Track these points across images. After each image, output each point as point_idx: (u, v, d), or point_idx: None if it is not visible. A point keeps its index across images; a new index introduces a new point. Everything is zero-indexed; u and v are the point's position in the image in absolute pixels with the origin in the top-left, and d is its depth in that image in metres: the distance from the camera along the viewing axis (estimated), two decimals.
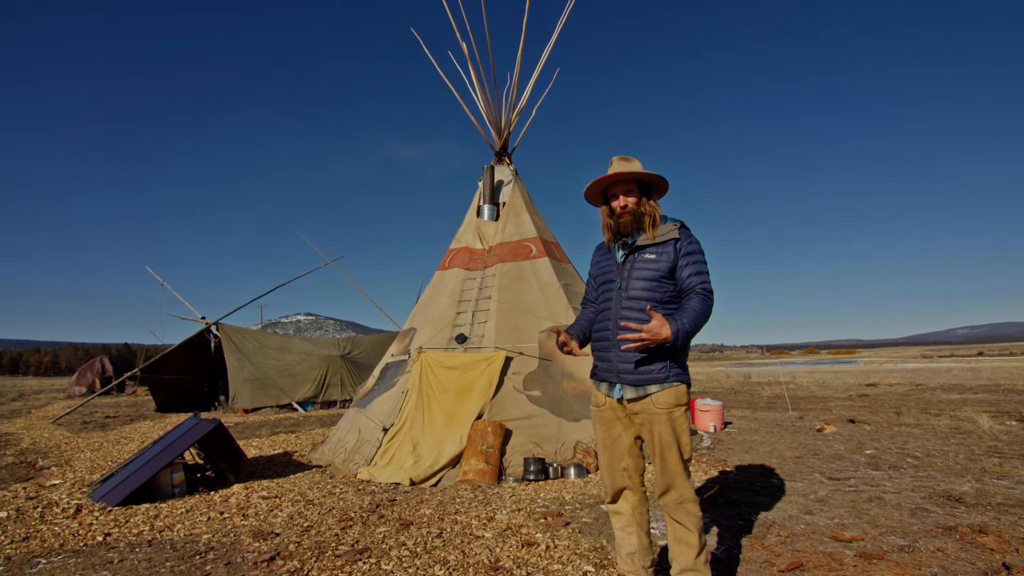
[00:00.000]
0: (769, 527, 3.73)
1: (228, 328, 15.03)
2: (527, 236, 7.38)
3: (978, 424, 7.59)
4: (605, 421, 2.71)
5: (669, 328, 2.38)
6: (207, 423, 5.36)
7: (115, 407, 16.45)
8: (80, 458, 7.22)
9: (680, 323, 2.41)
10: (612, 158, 2.75)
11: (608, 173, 2.69)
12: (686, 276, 2.55)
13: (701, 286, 2.54)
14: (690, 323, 2.43)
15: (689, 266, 2.56)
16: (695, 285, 2.54)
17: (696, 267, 2.56)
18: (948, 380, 18.20)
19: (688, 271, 2.55)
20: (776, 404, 11.94)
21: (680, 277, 2.57)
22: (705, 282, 2.56)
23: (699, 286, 2.54)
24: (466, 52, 7.61)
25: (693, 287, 2.54)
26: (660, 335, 2.37)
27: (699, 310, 2.48)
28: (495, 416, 5.63)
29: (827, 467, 5.51)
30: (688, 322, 2.43)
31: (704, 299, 2.52)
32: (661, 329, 2.37)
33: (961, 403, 10.97)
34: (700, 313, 2.48)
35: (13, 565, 3.36)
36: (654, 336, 2.37)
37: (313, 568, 3.20)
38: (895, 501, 4.25)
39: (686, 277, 2.55)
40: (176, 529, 4.04)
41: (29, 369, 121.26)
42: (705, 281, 2.56)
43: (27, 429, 10.94)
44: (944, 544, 3.31)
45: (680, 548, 2.50)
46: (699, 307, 2.49)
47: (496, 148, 7.98)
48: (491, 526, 3.88)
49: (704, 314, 2.49)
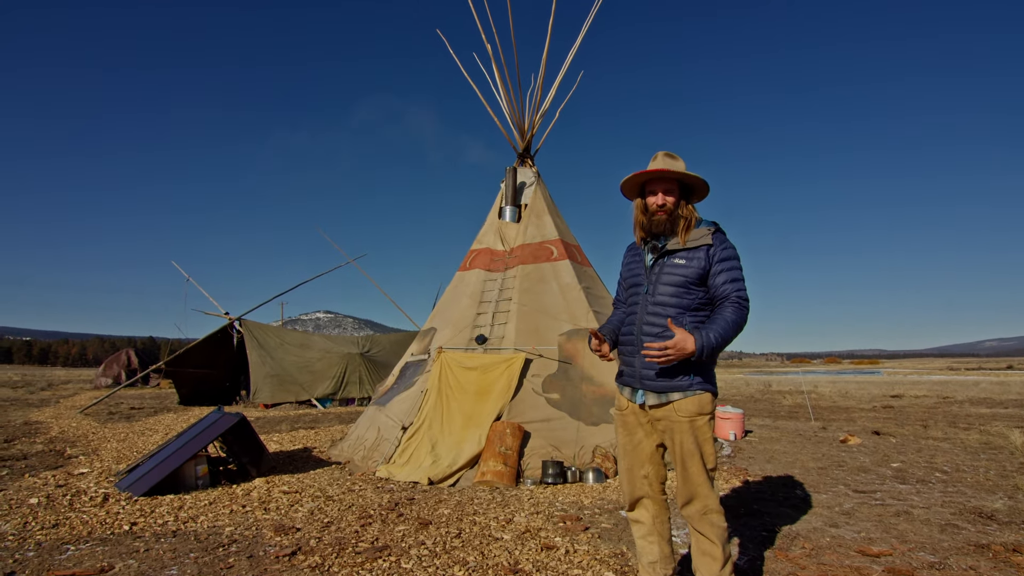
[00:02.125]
0: (793, 539, 3.66)
1: (250, 324, 15.26)
2: (548, 238, 7.36)
3: (1010, 439, 7.36)
4: (627, 426, 2.65)
5: (693, 342, 2.31)
6: (231, 417, 5.44)
7: (140, 399, 16.82)
8: (107, 448, 7.39)
9: (706, 337, 2.33)
10: (657, 153, 2.63)
11: (651, 168, 2.58)
12: (720, 283, 2.47)
13: (736, 294, 2.45)
14: (718, 336, 2.35)
15: (723, 273, 2.47)
16: (730, 293, 2.45)
17: (731, 274, 2.47)
18: (976, 393, 17.71)
19: (722, 278, 2.46)
20: (798, 414, 11.73)
21: (713, 284, 2.48)
22: (741, 290, 2.46)
23: (734, 294, 2.45)
24: (491, 53, 7.62)
25: (728, 295, 2.45)
26: (686, 350, 2.30)
27: (731, 321, 2.40)
28: (514, 418, 5.62)
29: (852, 479, 5.40)
30: (716, 335, 2.34)
31: (738, 308, 2.43)
32: (686, 344, 2.30)
33: (991, 417, 10.66)
34: (731, 324, 2.39)
35: (43, 551, 3.44)
36: (679, 352, 2.30)
37: (334, 564, 3.22)
38: (924, 516, 4.14)
39: (720, 284, 2.47)
40: (200, 521, 4.10)
41: (58, 360, 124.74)
42: (741, 289, 2.47)
43: (56, 418, 11.23)
44: (976, 563, 3.21)
45: (703, 560, 2.45)
46: (731, 317, 2.40)
47: (519, 150, 7.98)
48: (510, 528, 3.87)
49: (736, 325, 2.40)
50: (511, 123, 7.88)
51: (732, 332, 2.39)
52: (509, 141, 8.00)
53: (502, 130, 7.94)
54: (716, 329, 2.37)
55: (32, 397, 17.54)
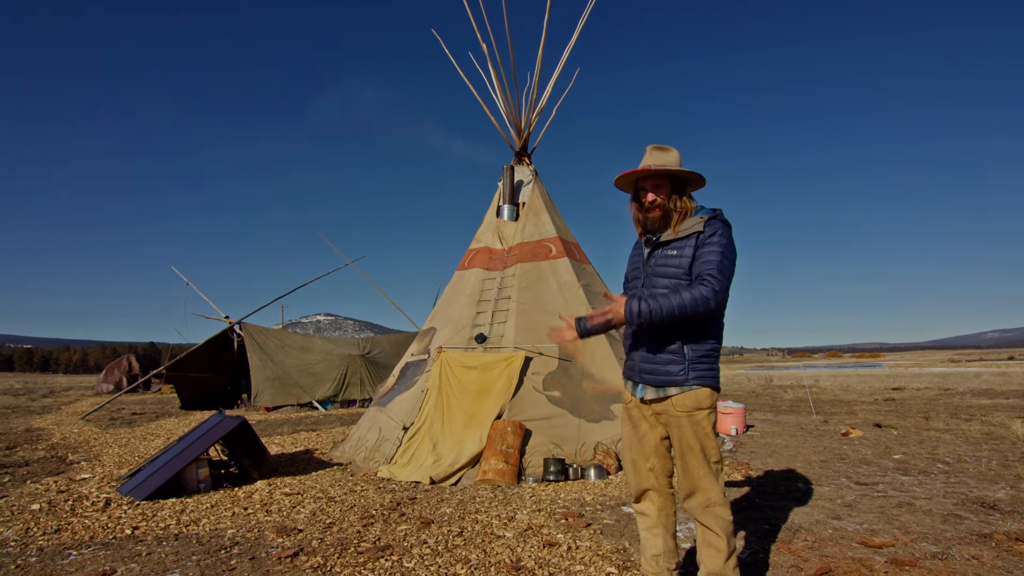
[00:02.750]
0: (796, 531, 3.65)
1: (251, 327, 15.26)
2: (547, 236, 7.36)
3: (1011, 430, 7.36)
4: (632, 419, 2.66)
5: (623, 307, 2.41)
6: (232, 420, 5.44)
7: (141, 404, 16.81)
8: (108, 453, 7.39)
9: (633, 304, 2.38)
10: (647, 147, 2.61)
11: (640, 167, 2.58)
12: (699, 265, 2.41)
13: (708, 273, 2.36)
14: (649, 308, 2.33)
15: (705, 255, 2.41)
16: (702, 271, 2.38)
17: (710, 256, 2.39)
18: (978, 385, 17.71)
19: (702, 260, 2.41)
20: (799, 407, 11.73)
21: (696, 268, 2.43)
22: (711, 269, 2.36)
23: (706, 272, 2.37)
24: (486, 52, 7.62)
25: (700, 274, 2.39)
26: (618, 314, 2.42)
27: (684, 297, 2.32)
28: (515, 416, 5.62)
29: (854, 472, 5.39)
30: (648, 307, 2.33)
31: (701, 287, 2.33)
32: (619, 309, 2.41)
33: (992, 408, 10.66)
34: (681, 301, 2.32)
35: (45, 556, 3.44)
36: (615, 315, 2.42)
37: (336, 564, 3.22)
38: (926, 507, 4.13)
39: (699, 266, 2.41)
40: (202, 524, 4.10)
41: (59, 367, 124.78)
42: (712, 268, 2.36)
43: (57, 424, 11.23)
44: (979, 552, 3.20)
45: (708, 551, 2.44)
46: (685, 294, 2.33)
47: (516, 148, 7.97)
48: (512, 526, 3.87)
49: (690, 301, 2.31)
50: (508, 121, 7.87)
51: (678, 308, 2.32)
52: (506, 139, 8.00)
53: (499, 128, 7.94)
54: (654, 301, 2.36)
55: (34, 404, 17.54)
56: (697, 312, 2.32)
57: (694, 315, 2.33)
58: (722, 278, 2.36)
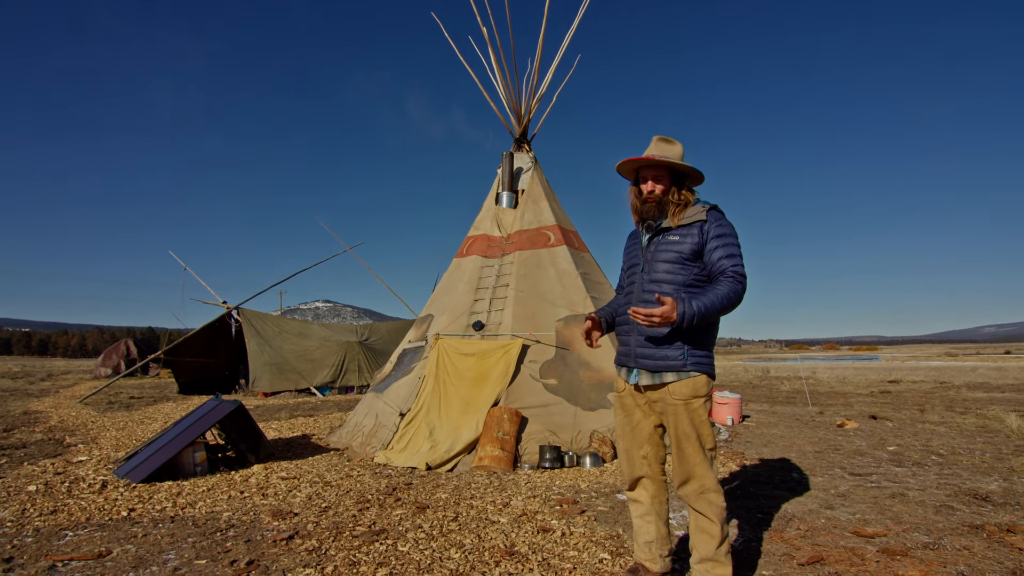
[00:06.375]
0: (789, 520, 3.67)
1: (249, 313, 15.24)
2: (546, 224, 7.33)
3: (1005, 423, 7.39)
4: (625, 407, 2.67)
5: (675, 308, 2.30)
6: (228, 404, 5.44)
7: (139, 388, 16.84)
8: (106, 436, 7.40)
9: (688, 305, 2.31)
10: (653, 137, 2.64)
11: (643, 155, 2.59)
12: (716, 259, 2.44)
13: (733, 268, 2.41)
14: (702, 306, 2.31)
15: (719, 248, 2.45)
16: (726, 268, 2.42)
17: (727, 249, 2.44)
18: (974, 378, 17.78)
19: (718, 253, 2.44)
20: (795, 399, 11.77)
21: (709, 260, 2.46)
22: (737, 264, 2.42)
23: (731, 268, 2.41)
24: (486, 37, 7.53)
25: (724, 270, 2.42)
26: (671, 317, 2.29)
27: (723, 293, 2.36)
28: (511, 403, 5.62)
29: (848, 462, 5.42)
30: (700, 305, 2.31)
31: (734, 283, 2.39)
32: (672, 311, 2.29)
33: (987, 401, 10.70)
34: (722, 297, 2.36)
35: (41, 536, 3.45)
36: (664, 318, 2.28)
37: (331, 547, 3.23)
38: (919, 498, 4.15)
39: (716, 260, 2.44)
40: (198, 506, 4.11)
41: (57, 350, 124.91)
42: (737, 264, 2.42)
43: (55, 408, 11.25)
44: (970, 542, 3.22)
45: (701, 537, 2.46)
46: (723, 291, 2.37)
47: (515, 135, 7.91)
48: (506, 512, 3.89)
49: (729, 298, 2.36)
50: (508, 108, 7.80)
51: (721, 304, 2.35)
52: (506, 126, 7.94)
53: (498, 115, 7.87)
54: (703, 299, 2.34)
55: (32, 387, 17.56)
56: (736, 304, 2.40)
57: (733, 308, 2.40)
58: (743, 269, 2.45)
